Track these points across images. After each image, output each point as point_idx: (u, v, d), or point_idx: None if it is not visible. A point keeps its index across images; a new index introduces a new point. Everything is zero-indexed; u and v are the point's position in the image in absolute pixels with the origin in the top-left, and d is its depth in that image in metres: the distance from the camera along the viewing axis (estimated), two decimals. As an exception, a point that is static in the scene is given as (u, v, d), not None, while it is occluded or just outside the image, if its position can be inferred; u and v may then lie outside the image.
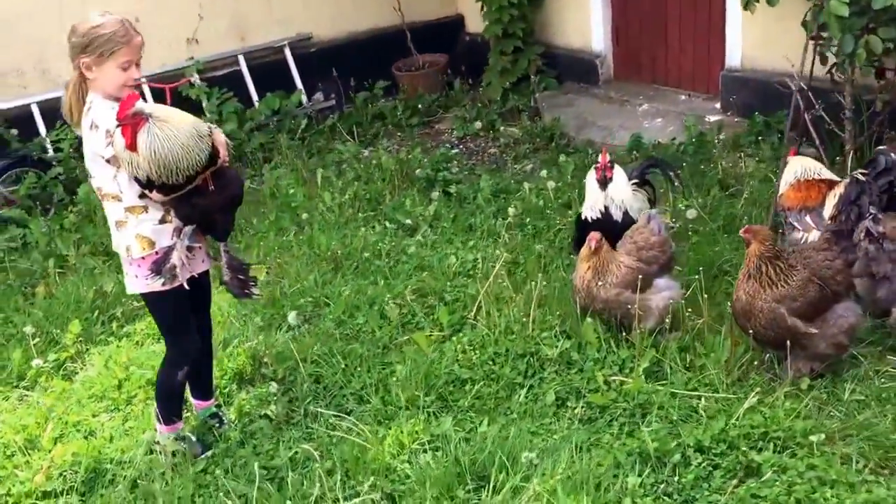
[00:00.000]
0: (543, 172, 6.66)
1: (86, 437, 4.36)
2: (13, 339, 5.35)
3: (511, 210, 5.90)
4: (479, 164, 7.54)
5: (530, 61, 8.47)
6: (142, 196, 3.74)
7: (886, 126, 5.68)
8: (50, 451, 4.23)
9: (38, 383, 4.92)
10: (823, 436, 3.76)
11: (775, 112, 6.65)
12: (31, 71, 7.83)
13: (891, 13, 4.80)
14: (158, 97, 7.87)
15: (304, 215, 6.48)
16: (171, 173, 3.53)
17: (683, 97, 7.81)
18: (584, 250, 4.56)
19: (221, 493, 3.73)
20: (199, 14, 8.40)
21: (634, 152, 6.90)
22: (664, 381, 4.23)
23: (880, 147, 4.91)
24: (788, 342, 4.10)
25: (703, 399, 4.09)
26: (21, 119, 7.63)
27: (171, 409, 4.17)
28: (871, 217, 4.50)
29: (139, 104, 3.51)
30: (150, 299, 3.96)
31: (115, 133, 3.56)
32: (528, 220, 6.04)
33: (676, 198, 5.91)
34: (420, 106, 8.70)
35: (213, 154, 3.64)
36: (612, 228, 4.85)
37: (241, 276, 4.07)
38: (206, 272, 4.09)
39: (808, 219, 4.86)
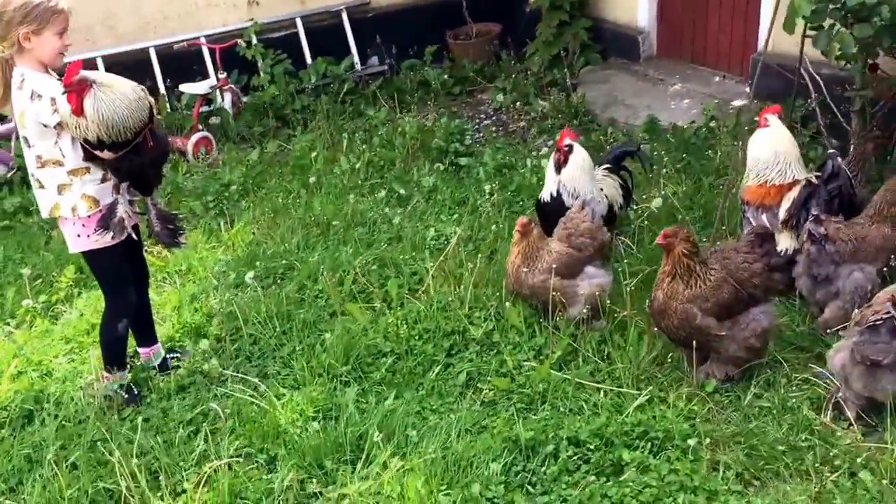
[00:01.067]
0: (544, 150, 6.65)
1: (41, 377, 4.74)
2: (21, 278, 5.79)
3: (487, 187, 5.94)
4: (503, 136, 7.56)
5: (574, 35, 8.37)
6: (86, 158, 4.02)
7: (879, 123, 5.41)
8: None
9: (26, 322, 5.34)
10: (708, 440, 3.76)
11: (803, 100, 6.40)
12: (98, 26, 8.30)
13: (865, 10, 4.58)
14: (212, 56, 8.25)
15: (312, 179, 6.69)
16: (120, 132, 3.85)
17: (718, 79, 7.58)
18: (514, 234, 4.60)
19: (122, 441, 4.01)
20: (261, -23, 8.68)
21: (644, 135, 6.80)
22: (573, 371, 4.26)
23: (830, 150, 4.74)
24: (699, 343, 4.07)
25: (602, 392, 4.12)
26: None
27: (113, 358, 4.50)
28: (812, 218, 4.38)
29: (82, 72, 3.80)
30: (93, 255, 4.27)
31: (60, 99, 3.83)
32: (518, 197, 6.09)
33: (665, 184, 5.84)
34: (464, 75, 8.75)
35: (151, 112, 3.97)
36: (563, 213, 4.86)
37: (171, 226, 4.37)
38: (136, 225, 4.38)
39: (764, 217, 4.75)
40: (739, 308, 4.07)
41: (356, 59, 8.88)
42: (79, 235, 4.19)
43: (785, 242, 4.62)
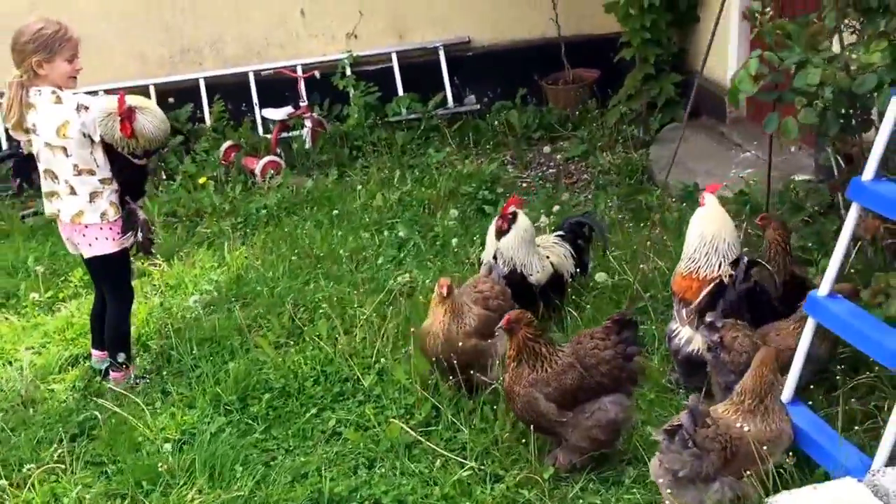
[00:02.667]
0: (554, 209, 6.51)
1: (2, 365, 5.25)
2: (49, 273, 6.38)
3: (455, 241, 5.92)
4: (554, 189, 7.43)
5: (659, 90, 8.10)
6: (112, 168, 4.62)
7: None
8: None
9: (29, 313, 5.90)
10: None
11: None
12: (207, 49, 8.99)
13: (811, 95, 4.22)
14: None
15: (335, 211, 6.91)
16: (160, 142, 4.63)
17: (793, 149, 7.07)
18: (434, 297, 4.53)
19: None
20: (360, 11, 9.01)
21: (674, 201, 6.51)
22: (428, 434, 4.21)
23: (744, 248, 4.36)
24: (543, 427, 3.92)
25: (438, 460, 4.04)
26: (193, 91, 8.84)
27: (129, 350, 4.94)
28: (706, 324, 4.07)
29: (127, 100, 4.43)
30: (114, 258, 4.77)
31: (107, 123, 4.44)
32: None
33: (652, 258, 5.58)
34: (550, 121, 8.68)
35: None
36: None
37: (149, 235, 4.84)
38: None
39: (683, 312, 4.44)
40: (586, 395, 3.87)
41: (449, 96, 9.03)
42: (99, 238, 4.70)
43: (698, 342, 4.30)
